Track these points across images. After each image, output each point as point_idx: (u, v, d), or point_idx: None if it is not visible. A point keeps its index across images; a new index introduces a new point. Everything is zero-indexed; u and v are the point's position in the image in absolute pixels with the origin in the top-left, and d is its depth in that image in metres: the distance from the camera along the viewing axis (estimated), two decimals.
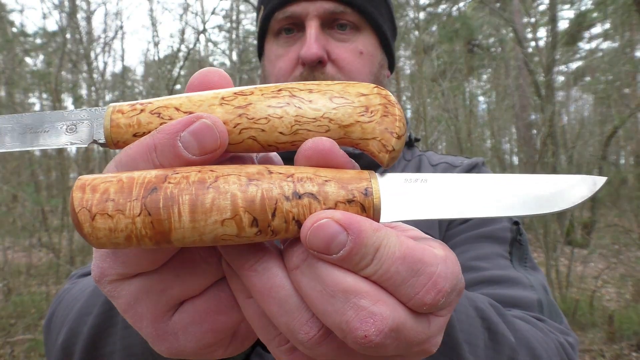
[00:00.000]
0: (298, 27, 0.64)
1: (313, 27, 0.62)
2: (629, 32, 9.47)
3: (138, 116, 0.32)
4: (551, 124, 5.08)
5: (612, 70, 6.42)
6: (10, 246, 5.83)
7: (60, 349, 0.55)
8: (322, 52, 0.62)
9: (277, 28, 0.65)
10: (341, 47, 0.64)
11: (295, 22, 0.64)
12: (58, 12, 6.89)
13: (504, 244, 0.71)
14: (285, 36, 0.65)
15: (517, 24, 7.19)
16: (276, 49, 0.66)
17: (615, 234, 5.48)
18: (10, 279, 4.82)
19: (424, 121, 5.14)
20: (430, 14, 11.70)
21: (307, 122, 0.31)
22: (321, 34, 0.63)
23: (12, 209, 6.99)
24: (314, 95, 0.31)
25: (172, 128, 0.29)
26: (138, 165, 0.30)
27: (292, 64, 0.64)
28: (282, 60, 0.65)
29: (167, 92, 6.51)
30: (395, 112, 0.32)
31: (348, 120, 0.31)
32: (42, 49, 7.89)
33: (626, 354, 3.65)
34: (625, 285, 4.87)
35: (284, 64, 0.64)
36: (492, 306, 0.54)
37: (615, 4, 6.50)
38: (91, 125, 0.33)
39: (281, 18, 0.64)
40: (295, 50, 0.64)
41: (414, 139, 0.81)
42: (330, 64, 0.63)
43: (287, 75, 0.64)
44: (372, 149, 0.31)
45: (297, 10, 0.62)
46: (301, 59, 0.62)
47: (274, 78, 0.66)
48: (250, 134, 0.31)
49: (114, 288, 0.34)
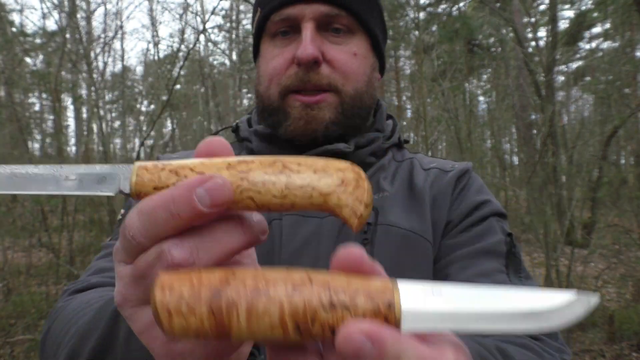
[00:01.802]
0: (294, 29, 0.65)
1: (309, 29, 0.63)
2: (629, 32, 9.46)
3: (160, 173, 0.38)
4: (551, 124, 5.07)
5: (613, 70, 6.42)
6: (10, 246, 5.83)
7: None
8: (318, 53, 0.63)
9: (273, 30, 0.66)
10: (336, 49, 0.66)
11: (291, 25, 0.65)
12: (58, 12, 6.89)
13: (501, 257, 0.73)
14: (281, 37, 0.66)
15: (517, 24, 7.19)
16: (272, 50, 0.67)
17: (616, 234, 5.48)
18: (10, 279, 4.81)
19: (424, 121, 5.14)
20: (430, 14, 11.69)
21: (295, 188, 0.37)
22: (317, 36, 0.65)
23: (12, 209, 6.99)
24: (302, 168, 0.38)
25: (190, 183, 0.35)
26: (157, 213, 0.35)
27: (286, 64, 0.65)
28: (276, 60, 0.66)
29: (167, 92, 6.50)
30: (365, 185, 0.38)
31: (327, 189, 0.38)
32: (41, 49, 7.88)
33: (626, 354, 3.65)
34: (626, 286, 4.87)
35: (278, 63, 0.65)
36: (499, 350, 0.57)
37: (616, 4, 6.49)
38: (119, 178, 0.40)
39: (277, 20, 0.65)
40: (291, 51, 0.65)
41: (404, 140, 0.82)
42: (325, 65, 0.65)
43: (281, 74, 0.65)
44: (344, 215, 0.37)
45: (293, 13, 0.64)
46: (297, 59, 0.63)
47: (267, 77, 0.67)
48: (249, 194, 0.37)
49: (134, 312, 0.38)
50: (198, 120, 13.76)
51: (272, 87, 0.67)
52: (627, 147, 11.18)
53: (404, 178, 0.76)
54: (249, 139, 0.74)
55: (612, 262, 5.22)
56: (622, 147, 11.30)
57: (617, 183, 6.99)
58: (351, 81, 0.66)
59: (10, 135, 6.78)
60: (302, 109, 0.65)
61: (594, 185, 5.93)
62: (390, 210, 0.71)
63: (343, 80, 0.65)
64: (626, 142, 10.30)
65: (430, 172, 0.77)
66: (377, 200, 0.71)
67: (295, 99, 0.65)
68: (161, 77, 7.94)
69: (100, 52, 8.78)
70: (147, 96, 9.63)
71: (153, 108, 8.12)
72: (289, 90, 0.65)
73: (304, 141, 0.67)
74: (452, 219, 0.74)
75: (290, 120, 0.66)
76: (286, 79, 0.65)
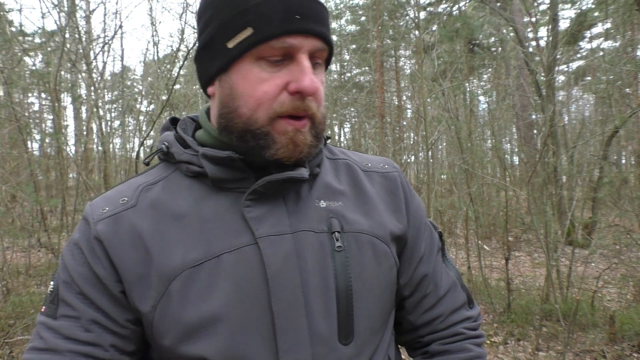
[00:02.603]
0: (286, 57, 0.66)
1: (306, 60, 0.65)
2: (630, 32, 9.46)
3: None
4: (552, 123, 5.06)
5: (613, 69, 6.40)
6: (9, 246, 5.82)
7: None
8: (318, 85, 0.66)
9: (266, 54, 0.65)
10: (316, 78, 0.69)
11: (286, 53, 0.65)
12: (57, 12, 6.88)
13: (440, 249, 0.86)
14: (269, 62, 0.65)
15: (517, 24, 7.17)
16: (258, 72, 0.65)
17: (617, 234, 5.46)
18: (9, 279, 4.80)
19: (424, 121, 5.12)
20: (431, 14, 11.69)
21: None
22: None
23: (11, 209, 6.98)
24: None
25: None
26: None
27: (277, 90, 0.65)
28: (266, 84, 0.65)
29: (166, 92, 6.49)
30: None
31: None
32: (41, 49, 7.87)
33: (627, 355, 3.63)
34: (627, 286, 4.85)
35: (270, 88, 0.65)
36: None
37: (616, 3, 6.48)
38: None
39: (277, 47, 0.64)
40: (282, 77, 0.65)
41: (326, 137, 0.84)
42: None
43: (272, 100, 0.65)
44: None
45: (294, 43, 0.64)
46: (299, 89, 0.64)
47: (254, 100, 0.66)
48: None
49: None
50: None
51: (260, 111, 0.66)
52: (628, 147, 11.17)
53: (348, 182, 0.79)
54: (191, 162, 0.71)
55: (612, 262, 5.20)
56: (623, 147, 11.30)
57: (618, 183, 6.98)
58: (322, 107, 0.70)
59: (9, 135, 6.77)
60: (293, 134, 0.66)
61: (594, 186, 5.91)
62: (350, 217, 0.73)
63: (317, 106, 0.68)
64: (627, 142, 10.29)
65: (372, 176, 0.82)
66: (338, 207, 0.73)
67: (288, 124, 0.66)
68: (161, 77, 7.92)
69: (100, 51, 8.77)
70: (147, 96, 9.62)
71: (153, 108, 8.11)
72: (279, 115, 0.66)
73: (291, 162, 0.68)
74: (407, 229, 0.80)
75: (280, 145, 0.66)
76: (279, 105, 0.65)
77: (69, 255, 0.69)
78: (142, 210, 0.69)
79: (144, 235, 0.67)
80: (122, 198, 0.70)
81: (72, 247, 0.69)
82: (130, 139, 12.61)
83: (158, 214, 0.68)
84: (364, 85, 17.08)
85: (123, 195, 0.71)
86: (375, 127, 11.60)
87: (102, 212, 0.69)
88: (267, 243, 0.66)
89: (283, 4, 0.63)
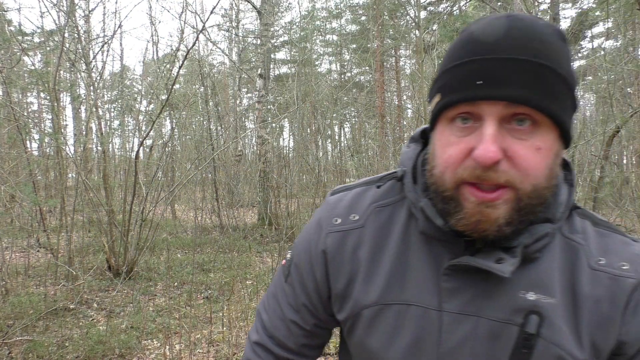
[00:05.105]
0: (474, 117, 0.61)
1: (491, 126, 0.59)
2: (631, 31, 9.44)
3: None
4: None
5: (615, 69, 6.38)
6: (8, 246, 5.79)
7: None
8: (499, 155, 0.58)
9: (451, 116, 0.62)
10: (519, 144, 0.60)
11: (471, 113, 0.61)
12: (56, 11, 6.85)
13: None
14: (460, 124, 0.62)
15: None
16: (448, 136, 0.63)
17: None
18: (8, 279, 4.78)
19: (424, 121, 5.10)
20: (431, 13, 11.67)
21: None
22: (499, 133, 0.59)
23: (10, 209, 6.96)
24: None
25: None
26: None
27: (462, 155, 0.61)
28: (453, 148, 0.62)
29: (166, 92, 6.46)
30: None
31: None
32: (40, 48, 7.84)
33: None
34: None
35: (455, 153, 0.61)
36: None
37: (618, 3, 6.46)
38: None
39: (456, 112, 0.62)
40: (469, 142, 0.61)
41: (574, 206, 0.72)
42: (504, 160, 0.60)
43: (457, 164, 0.61)
44: None
45: (475, 111, 0.60)
46: (476, 159, 0.59)
47: (443, 163, 0.63)
48: None
49: None
50: (197, 120, 13.74)
51: (447, 175, 0.62)
52: (629, 146, 11.17)
53: (566, 276, 0.66)
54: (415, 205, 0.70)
55: None
56: (624, 146, 11.28)
57: (619, 183, 6.96)
58: (531, 178, 0.60)
59: (8, 134, 6.75)
60: (476, 205, 0.60)
61: (595, 185, 5.90)
62: (555, 322, 0.63)
63: (522, 177, 0.59)
64: (628, 141, 10.28)
65: (598, 277, 0.66)
66: (548, 304, 0.63)
67: (470, 193, 0.60)
68: (160, 77, 7.90)
69: (99, 51, 8.75)
70: (146, 96, 9.59)
71: (152, 107, 8.09)
72: (463, 181, 0.61)
73: (474, 237, 0.63)
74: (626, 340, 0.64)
75: (463, 214, 0.62)
76: (462, 170, 0.61)
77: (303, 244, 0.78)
78: (367, 234, 0.73)
79: (361, 261, 0.72)
80: (353, 215, 0.75)
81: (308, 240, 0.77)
82: (130, 138, 12.59)
83: (376, 243, 0.72)
84: (364, 85, 17.08)
85: (354, 212, 0.75)
86: (375, 126, 11.58)
87: (334, 225, 0.75)
88: (450, 319, 0.66)
89: (464, 70, 0.60)
